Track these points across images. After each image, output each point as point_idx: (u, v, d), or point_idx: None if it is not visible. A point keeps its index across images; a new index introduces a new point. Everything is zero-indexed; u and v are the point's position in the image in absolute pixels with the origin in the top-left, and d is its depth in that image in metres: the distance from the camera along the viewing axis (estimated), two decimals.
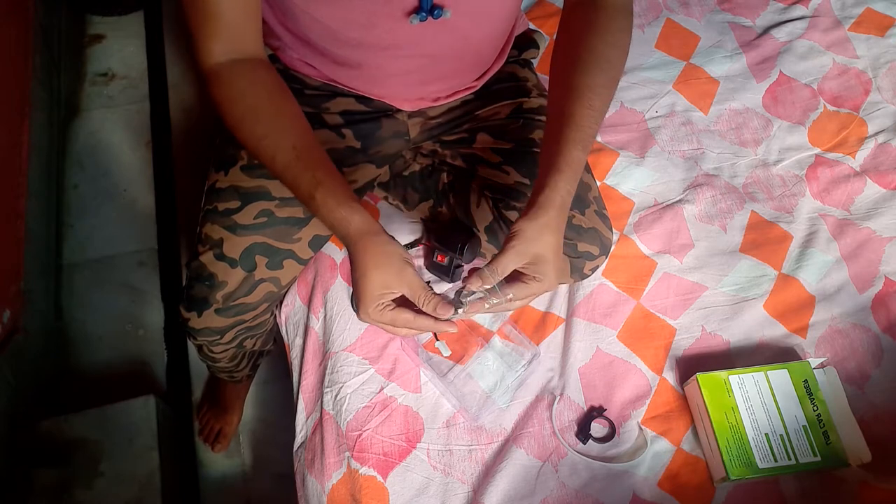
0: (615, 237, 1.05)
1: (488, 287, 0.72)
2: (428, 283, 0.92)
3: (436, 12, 0.73)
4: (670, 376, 0.96)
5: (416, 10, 0.73)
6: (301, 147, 0.73)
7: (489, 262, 0.72)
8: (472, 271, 0.73)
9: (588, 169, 0.98)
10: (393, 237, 0.72)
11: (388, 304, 0.72)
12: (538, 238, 0.70)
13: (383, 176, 1.01)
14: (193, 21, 0.72)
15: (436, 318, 0.72)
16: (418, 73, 0.87)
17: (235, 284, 0.87)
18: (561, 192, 0.71)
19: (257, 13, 0.75)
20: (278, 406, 1.34)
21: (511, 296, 0.73)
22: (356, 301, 0.73)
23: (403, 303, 0.73)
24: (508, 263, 0.71)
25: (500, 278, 0.72)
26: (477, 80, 0.95)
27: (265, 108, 0.74)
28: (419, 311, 0.73)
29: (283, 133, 0.74)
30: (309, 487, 0.90)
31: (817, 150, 1.16)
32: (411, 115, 0.96)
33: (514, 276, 0.74)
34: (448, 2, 0.73)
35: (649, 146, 1.15)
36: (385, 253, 0.70)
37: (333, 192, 0.71)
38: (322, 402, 0.94)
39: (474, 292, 0.73)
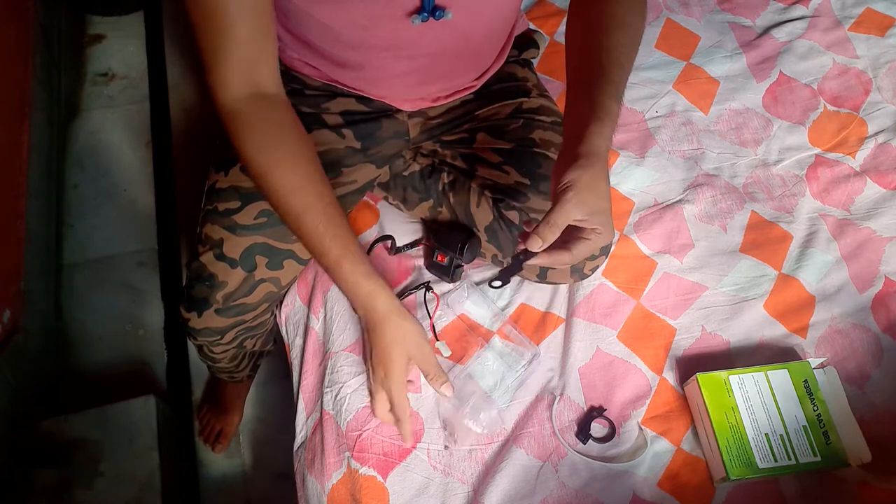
0: (615, 237, 1.05)
1: (544, 247, 0.67)
2: (428, 283, 0.94)
3: (437, 13, 0.73)
4: (670, 376, 0.96)
5: (418, 11, 0.73)
6: (331, 211, 0.74)
7: (544, 218, 0.66)
8: (524, 235, 0.68)
9: None
10: (410, 314, 0.79)
11: (406, 385, 0.79)
12: (594, 187, 0.66)
13: (383, 176, 1.01)
14: (207, 50, 0.69)
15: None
16: (419, 73, 0.87)
17: (235, 284, 0.87)
18: (605, 139, 0.68)
19: (271, 34, 0.72)
20: (278, 406, 1.34)
21: (569, 257, 0.69)
22: (384, 372, 0.80)
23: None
24: (568, 215, 0.66)
25: (559, 234, 0.67)
26: (477, 80, 0.95)
27: (295, 161, 0.74)
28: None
29: (315, 193, 0.74)
30: (309, 487, 0.90)
31: (817, 150, 1.16)
32: (411, 115, 0.96)
33: (572, 234, 0.69)
34: (449, 2, 0.73)
35: (649, 146, 1.15)
36: (406, 330, 0.78)
37: (361, 264, 0.75)
38: (322, 402, 0.94)
39: (533, 254, 0.69)
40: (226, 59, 0.69)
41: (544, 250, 0.68)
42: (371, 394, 0.86)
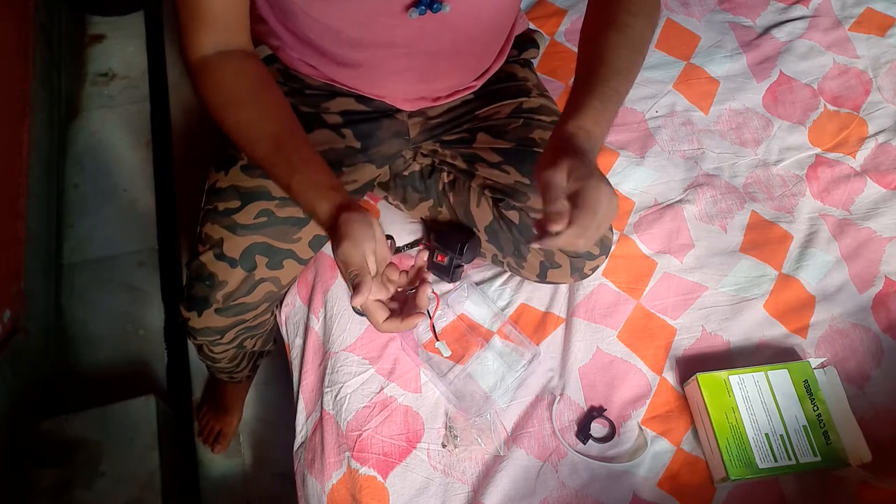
0: (615, 237, 1.05)
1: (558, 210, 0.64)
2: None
3: (434, 6, 0.73)
4: (670, 376, 0.96)
5: (415, 4, 0.73)
6: (281, 136, 0.74)
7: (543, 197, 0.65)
8: (540, 222, 0.65)
9: None
10: (363, 212, 0.70)
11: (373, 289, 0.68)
12: (569, 151, 0.65)
13: (383, 176, 1.01)
14: (184, 17, 0.74)
15: (402, 320, 0.70)
16: (418, 71, 0.87)
17: (235, 284, 0.87)
18: (579, 128, 0.68)
19: (245, 8, 0.76)
20: (278, 406, 1.34)
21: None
22: (345, 275, 0.70)
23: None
24: (554, 171, 0.65)
25: (562, 196, 0.65)
26: (477, 79, 0.95)
27: (247, 97, 0.75)
28: (393, 315, 0.71)
29: (264, 122, 0.75)
30: (309, 487, 0.90)
31: (817, 150, 1.16)
32: (411, 115, 0.96)
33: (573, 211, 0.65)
34: None
35: (649, 146, 1.15)
36: (340, 230, 0.68)
37: (308, 177, 0.72)
38: (322, 402, 0.94)
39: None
40: (199, 29, 0.74)
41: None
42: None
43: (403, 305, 0.75)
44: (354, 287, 0.67)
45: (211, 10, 0.73)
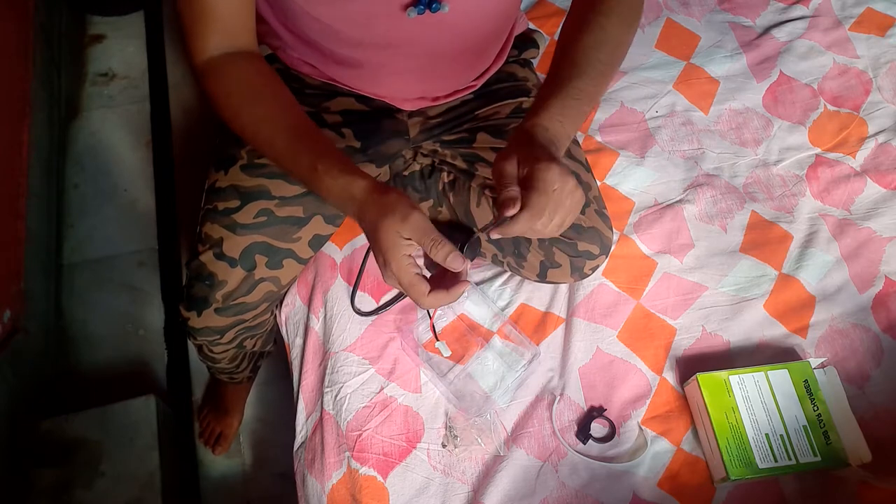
0: (615, 237, 1.05)
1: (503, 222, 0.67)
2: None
3: (433, 6, 0.74)
4: (670, 376, 0.96)
5: (414, 4, 0.73)
6: (299, 126, 0.74)
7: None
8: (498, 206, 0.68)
9: (588, 168, 0.98)
10: (392, 189, 0.70)
11: (412, 263, 0.68)
12: (523, 141, 0.68)
13: (383, 176, 1.01)
14: (187, 19, 0.74)
15: (447, 290, 0.69)
16: (418, 72, 0.87)
17: (235, 284, 0.87)
18: (541, 124, 0.70)
19: (251, 9, 0.76)
20: (278, 406, 1.34)
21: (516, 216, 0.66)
22: (380, 263, 0.69)
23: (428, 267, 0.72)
24: (502, 159, 0.67)
25: (514, 181, 0.67)
26: (477, 79, 0.96)
27: (260, 94, 0.76)
28: (434, 288, 0.69)
29: (281, 115, 0.75)
30: (309, 487, 0.90)
31: (817, 150, 1.16)
32: (411, 114, 0.96)
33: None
34: None
35: (649, 146, 1.15)
36: (390, 202, 0.68)
37: (336, 162, 0.71)
38: (322, 402, 0.94)
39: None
40: (204, 32, 0.74)
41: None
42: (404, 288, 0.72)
43: (440, 280, 0.72)
44: (446, 252, 0.67)
45: (216, 11, 0.73)
